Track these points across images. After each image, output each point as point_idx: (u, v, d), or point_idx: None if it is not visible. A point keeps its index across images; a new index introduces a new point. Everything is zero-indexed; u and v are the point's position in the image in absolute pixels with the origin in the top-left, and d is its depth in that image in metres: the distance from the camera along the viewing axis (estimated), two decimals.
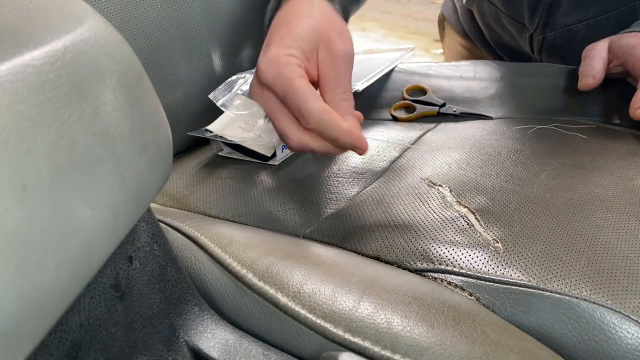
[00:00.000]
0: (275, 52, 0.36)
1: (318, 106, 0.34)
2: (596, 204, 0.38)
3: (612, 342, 0.27)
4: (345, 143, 0.35)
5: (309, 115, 0.34)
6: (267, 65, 0.35)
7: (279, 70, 0.35)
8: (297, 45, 0.36)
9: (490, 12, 0.74)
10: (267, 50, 0.36)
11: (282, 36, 0.37)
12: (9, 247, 0.15)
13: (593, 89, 0.54)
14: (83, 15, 0.21)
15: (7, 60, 0.16)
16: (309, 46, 0.37)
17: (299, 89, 0.34)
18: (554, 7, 0.65)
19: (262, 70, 0.36)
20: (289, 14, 0.39)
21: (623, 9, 0.63)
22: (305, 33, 0.37)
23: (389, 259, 0.35)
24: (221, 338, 0.28)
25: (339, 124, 0.34)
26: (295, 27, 0.37)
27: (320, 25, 0.37)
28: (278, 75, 0.35)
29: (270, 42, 0.37)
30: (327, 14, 0.39)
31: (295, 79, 0.34)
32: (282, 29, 0.37)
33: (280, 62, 0.35)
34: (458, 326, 0.26)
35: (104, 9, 0.45)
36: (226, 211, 0.44)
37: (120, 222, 0.20)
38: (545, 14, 0.66)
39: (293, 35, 0.36)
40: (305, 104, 0.34)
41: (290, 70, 0.35)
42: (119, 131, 0.20)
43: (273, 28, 0.39)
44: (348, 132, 0.34)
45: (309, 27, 0.37)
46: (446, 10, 0.91)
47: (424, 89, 0.64)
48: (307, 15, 0.38)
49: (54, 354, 0.20)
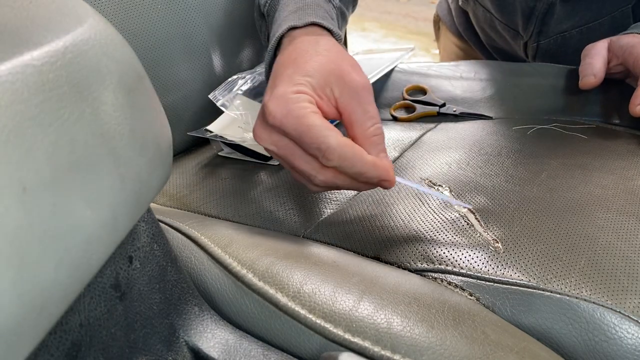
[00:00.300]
0: (282, 90, 0.33)
1: (338, 140, 0.31)
2: (596, 204, 0.38)
3: (612, 342, 0.27)
4: (371, 177, 0.32)
5: (330, 152, 0.31)
6: (275, 105, 0.32)
7: (289, 108, 0.32)
8: (306, 82, 0.33)
9: (484, 18, 0.75)
10: (273, 90, 0.33)
11: (289, 75, 0.34)
12: (9, 247, 0.15)
13: (594, 87, 0.54)
14: (83, 15, 0.21)
15: (7, 60, 0.16)
16: (320, 83, 0.34)
17: (314, 126, 0.31)
18: (548, 16, 0.65)
19: (270, 111, 0.32)
20: (294, 52, 0.36)
21: (616, 14, 0.63)
22: (314, 70, 0.34)
23: (389, 259, 0.35)
24: (221, 338, 0.28)
25: (364, 157, 0.32)
26: (303, 64, 0.34)
27: (330, 61, 0.35)
28: (288, 114, 0.32)
29: (276, 82, 0.34)
30: (335, 50, 0.36)
31: (309, 116, 0.32)
32: (288, 68, 0.35)
33: (289, 100, 0.32)
34: (458, 326, 0.26)
35: (104, 9, 0.45)
36: (226, 211, 0.44)
37: (120, 222, 0.20)
38: (539, 23, 0.66)
39: (301, 73, 0.34)
40: (325, 140, 0.31)
41: (301, 107, 0.32)
42: (119, 131, 0.20)
43: (278, 68, 0.36)
44: (373, 165, 0.32)
45: (318, 63, 0.34)
46: (441, 11, 0.91)
47: (424, 89, 0.64)
48: (314, 52, 0.35)
49: (54, 354, 0.20)
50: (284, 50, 0.38)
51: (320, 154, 0.31)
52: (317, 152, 0.32)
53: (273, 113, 0.32)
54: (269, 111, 0.32)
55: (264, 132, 0.34)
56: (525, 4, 0.65)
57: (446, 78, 0.65)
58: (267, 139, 0.34)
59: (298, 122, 0.31)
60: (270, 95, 0.33)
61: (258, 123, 0.35)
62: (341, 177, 0.33)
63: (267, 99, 0.33)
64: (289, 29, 0.39)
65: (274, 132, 0.33)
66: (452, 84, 0.64)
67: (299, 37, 0.38)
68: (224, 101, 0.52)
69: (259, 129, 0.34)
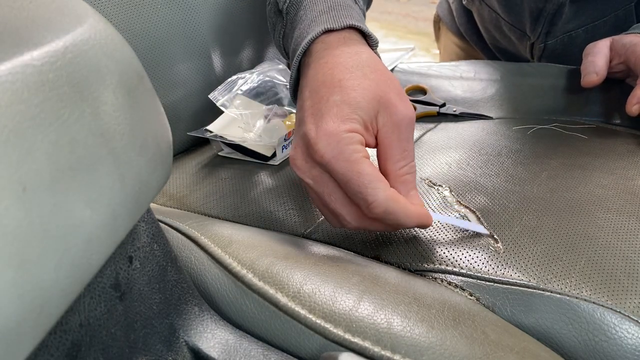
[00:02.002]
0: (333, 127, 0.30)
1: (387, 194, 0.30)
2: (596, 204, 0.38)
3: (612, 342, 0.27)
4: (410, 226, 0.32)
5: (376, 206, 0.30)
6: (326, 143, 0.30)
7: (340, 150, 0.30)
8: (357, 117, 0.31)
9: (490, 18, 0.74)
10: (320, 121, 0.31)
11: (337, 104, 0.31)
12: (9, 247, 0.15)
13: (595, 86, 0.54)
14: (83, 15, 0.21)
15: (7, 60, 0.16)
16: (369, 115, 0.31)
17: (365, 175, 0.30)
18: (556, 17, 0.65)
19: (318, 149, 0.30)
20: (337, 70, 0.33)
21: (619, 12, 0.63)
22: (364, 100, 0.31)
23: (389, 259, 0.35)
24: (221, 338, 0.28)
25: (408, 210, 0.31)
26: (351, 90, 0.31)
27: (379, 88, 0.32)
28: (340, 157, 0.30)
29: (322, 110, 0.31)
30: (380, 71, 0.34)
31: (361, 163, 0.30)
32: (334, 92, 0.31)
33: (342, 141, 0.30)
34: (458, 326, 0.26)
35: (104, 9, 0.45)
36: (226, 211, 0.44)
37: (120, 222, 0.20)
38: (547, 24, 0.66)
39: (352, 105, 0.31)
40: (374, 192, 0.29)
41: (354, 151, 0.30)
42: (119, 131, 0.20)
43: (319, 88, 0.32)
44: (416, 217, 0.31)
45: (368, 91, 0.32)
46: (441, 11, 0.91)
47: (424, 89, 0.64)
48: (361, 74, 0.32)
49: (54, 354, 0.20)
50: (319, 59, 0.34)
51: (365, 205, 0.30)
52: (362, 202, 0.30)
53: (322, 152, 0.30)
54: (317, 148, 0.30)
55: (305, 165, 0.32)
56: (534, 5, 0.65)
57: (446, 78, 0.65)
58: (307, 172, 0.32)
59: (349, 168, 0.30)
60: (317, 129, 0.31)
61: (299, 153, 0.32)
62: (377, 224, 0.32)
63: (314, 134, 0.31)
64: (324, 32, 0.35)
65: (316, 168, 0.32)
66: (452, 84, 0.64)
67: (336, 45, 0.35)
68: (224, 101, 0.52)
69: (300, 160, 0.32)
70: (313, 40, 0.36)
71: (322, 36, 0.35)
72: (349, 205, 0.32)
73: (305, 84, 0.34)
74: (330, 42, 0.35)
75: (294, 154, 0.33)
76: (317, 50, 0.35)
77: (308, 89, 0.33)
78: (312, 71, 0.34)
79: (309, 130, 0.31)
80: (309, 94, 0.33)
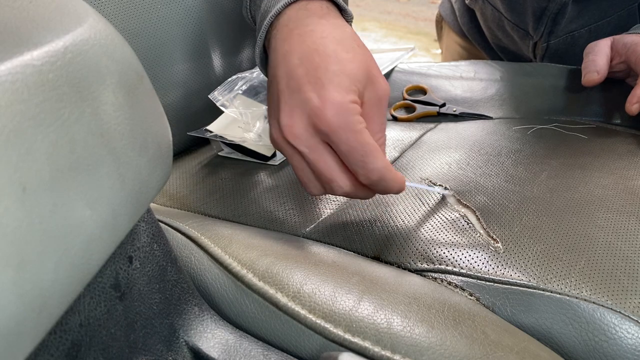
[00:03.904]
0: (339, 97, 0.31)
1: (384, 163, 0.32)
2: (596, 204, 0.38)
3: (612, 342, 0.27)
4: (393, 192, 0.34)
5: (374, 173, 0.31)
6: (334, 112, 0.31)
7: (347, 120, 0.31)
8: (356, 89, 0.32)
9: (493, 17, 0.74)
10: (322, 90, 0.31)
11: (337, 74, 0.32)
12: (9, 247, 0.15)
13: (596, 85, 0.54)
14: (83, 15, 0.21)
15: (7, 60, 0.16)
16: (363, 88, 0.33)
17: (368, 144, 0.31)
18: (559, 16, 0.65)
19: (325, 118, 0.31)
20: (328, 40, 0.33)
21: (622, 12, 0.63)
22: (361, 74, 0.33)
23: (389, 259, 0.35)
24: (221, 338, 0.28)
25: (397, 179, 0.33)
26: (349, 63, 0.32)
27: (366, 62, 0.34)
28: (346, 127, 0.31)
29: (323, 79, 0.31)
30: (363, 45, 0.35)
31: (364, 133, 0.31)
32: (331, 62, 0.32)
33: (348, 111, 0.31)
34: (458, 326, 0.26)
35: (104, 9, 0.45)
36: (226, 211, 0.44)
37: (120, 222, 0.20)
38: (550, 23, 0.66)
39: (350, 76, 0.32)
40: (374, 161, 0.31)
41: (358, 122, 0.31)
42: (119, 131, 0.20)
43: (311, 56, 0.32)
44: (400, 183, 0.33)
45: (361, 64, 0.33)
46: (444, 11, 0.91)
47: (424, 89, 0.64)
48: (351, 47, 0.33)
49: (54, 354, 0.20)
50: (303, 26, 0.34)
51: (363, 172, 0.32)
52: (360, 169, 0.32)
53: (329, 121, 0.31)
54: (324, 117, 0.31)
55: (304, 132, 0.32)
56: (537, 5, 0.65)
57: (446, 78, 0.65)
58: (304, 140, 0.32)
59: (354, 137, 0.31)
60: (321, 98, 0.31)
61: (297, 121, 0.32)
62: (366, 190, 0.34)
63: (319, 103, 0.31)
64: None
65: (315, 136, 0.32)
66: (452, 84, 0.64)
67: (320, 15, 0.35)
68: (224, 101, 0.52)
69: (297, 127, 0.32)
70: (289, 4, 0.35)
71: (302, 3, 0.35)
72: (344, 173, 0.33)
73: (291, 49, 0.33)
74: (312, 9, 0.35)
75: (290, 122, 0.32)
76: (299, 16, 0.35)
77: (297, 56, 0.33)
78: (298, 37, 0.34)
79: (311, 98, 0.31)
80: (299, 62, 0.33)
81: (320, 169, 0.33)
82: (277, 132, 0.33)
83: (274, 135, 0.34)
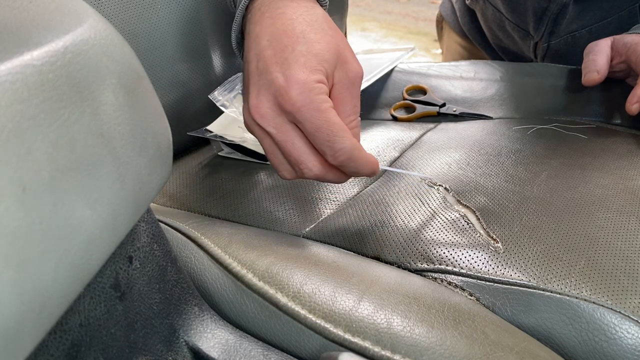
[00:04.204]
0: (303, 76, 0.31)
1: (352, 143, 0.31)
2: (596, 204, 0.38)
3: (612, 342, 0.27)
4: (365, 174, 0.34)
5: (342, 153, 0.31)
6: (298, 92, 0.31)
7: (311, 99, 0.31)
8: (323, 69, 0.32)
9: (494, 17, 0.74)
10: (288, 70, 0.31)
11: (303, 54, 0.32)
12: (9, 247, 0.15)
13: (596, 84, 0.54)
14: (83, 15, 0.21)
15: (7, 60, 0.16)
16: (331, 69, 0.33)
17: (333, 124, 0.31)
18: (560, 16, 0.65)
19: (290, 97, 0.31)
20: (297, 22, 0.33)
21: (623, 13, 0.63)
22: (328, 53, 0.32)
23: (389, 259, 0.35)
24: (221, 338, 0.28)
25: (367, 160, 0.33)
26: (317, 44, 0.32)
27: (337, 44, 0.33)
28: (310, 106, 0.31)
29: (289, 59, 0.32)
30: (335, 28, 0.35)
31: (329, 112, 0.31)
32: (298, 42, 0.32)
33: (313, 90, 0.31)
34: (458, 326, 0.26)
35: (104, 9, 0.45)
36: (226, 211, 0.44)
37: (120, 222, 0.20)
38: (551, 23, 0.66)
39: (318, 56, 0.32)
40: (341, 140, 0.31)
41: (324, 101, 0.31)
42: (119, 131, 0.20)
43: (280, 37, 0.33)
44: (372, 165, 0.33)
45: (330, 45, 0.33)
46: (444, 11, 0.91)
47: (424, 89, 0.64)
48: (320, 28, 0.33)
49: (54, 354, 0.20)
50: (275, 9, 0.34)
51: (331, 152, 0.31)
52: (327, 150, 0.31)
53: (293, 100, 0.31)
54: (288, 97, 0.31)
55: (270, 112, 0.32)
56: (538, 5, 0.65)
57: (446, 78, 0.65)
58: (270, 121, 0.32)
59: (319, 117, 0.31)
60: (286, 78, 0.31)
61: (264, 101, 0.32)
62: (336, 173, 0.34)
63: (284, 82, 0.31)
64: None
65: (281, 116, 0.32)
66: (452, 84, 0.64)
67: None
68: (224, 101, 0.52)
69: (265, 108, 0.32)
70: None
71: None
72: (312, 154, 0.33)
73: (261, 32, 0.34)
74: None
75: (256, 102, 0.32)
76: (272, 0, 0.35)
77: (266, 38, 0.33)
78: (269, 20, 0.34)
79: (277, 78, 0.31)
80: (267, 43, 0.33)
81: (289, 150, 0.33)
82: (247, 114, 0.34)
83: (245, 117, 0.34)
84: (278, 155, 0.34)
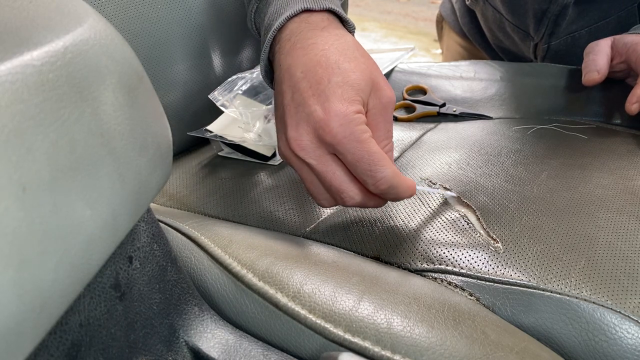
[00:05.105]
0: (342, 108, 0.31)
1: (393, 171, 0.32)
2: (596, 204, 0.38)
3: (612, 342, 0.27)
4: (405, 198, 0.34)
5: (383, 182, 0.32)
6: (338, 124, 0.31)
7: (352, 131, 0.31)
8: (360, 99, 0.32)
9: (494, 18, 0.74)
10: (326, 102, 0.31)
11: (340, 85, 0.32)
12: (9, 247, 0.15)
13: (596, 84, 0.54)
14: (83, 15, 0.21)
15: (7, 60, 0.16)
16: (366, 97, 0.33)
17: (374, 153, 0.31)
18: (560, 18, 0.65)
19: (331, 129, 0.31)
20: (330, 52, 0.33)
21: (622, 13, 0.63)
22: (363, 82, 0.33)
23: (389, 259, 0.35)
24: (221, 338, 0.28)
25: (407, 186, 0.33)
26: (352, 74, 0.33)
27: (370, 71, 0.34)
28: (351, 137, 0.31)
29: (326, 91, 0.32)
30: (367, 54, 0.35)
31: (370, 142, 0.32)
32: (334, 74, 0.32)
33: (352, 122, 0.31)
34: (458, 326, 0.26)
35: (104, 9, 0.45)
36: (226, 211, 0.44)
37: (120, 222, 0.20)
38: (551, 25, 0.66)
39: (354, 87, 0.32)
40: (382, 169, 0.31)
41: (363, 131, 0.32)
42: (119, 131, 0.20)
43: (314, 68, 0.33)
44: (411, 189, 0.34)
45: (364, 74, 0.33)
46: (444, 11, 0.91)
47: (424, 89, 0.64)
48: (353, 56, 0.34)
49: (54, 354, 0.20)
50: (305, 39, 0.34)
51: (372, 181, 0.32)
52: (369, 179, 0.32)
53: (334, 132, 0.31)
54: (329, 129, 0.31)
55: (310, 145, 0.32)
56: (538, 6, 0.65)
57: (446, 78, 0.65)
58: (311, 152, 0.32)
59: (360, 147, 0.31)
60: (325, 110, 0.31)
61: (304, 134, 0.32)
62: (377, 199, 0.34)
63: (323, 115, 0.31)
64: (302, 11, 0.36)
65: (321, 148, 0.32)
66: (452, 84, 0.64)
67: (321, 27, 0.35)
68: (224, 101, 0.52)
69: (303, 140, 0.32)
70: (291, 18, 0.36)
71: (303, 16, 0.36)
72: (353, 183, 0.33)
73: (293, 63, 0.34)
74: (314, 22, 0.35)
75: (296, 135, 0.32)
76: (301, 29, 0.35)
77: (300, 69, 0.33)
78: (300, 51, 0.34)
79: (315, 111, 0.32)
80: (302, 75, 0.33)
81: (329, 181, 0.33)
82: (285, 146, 0.34)
83: (282, 149, 0.34)
84: (317, 184, 0.34)
